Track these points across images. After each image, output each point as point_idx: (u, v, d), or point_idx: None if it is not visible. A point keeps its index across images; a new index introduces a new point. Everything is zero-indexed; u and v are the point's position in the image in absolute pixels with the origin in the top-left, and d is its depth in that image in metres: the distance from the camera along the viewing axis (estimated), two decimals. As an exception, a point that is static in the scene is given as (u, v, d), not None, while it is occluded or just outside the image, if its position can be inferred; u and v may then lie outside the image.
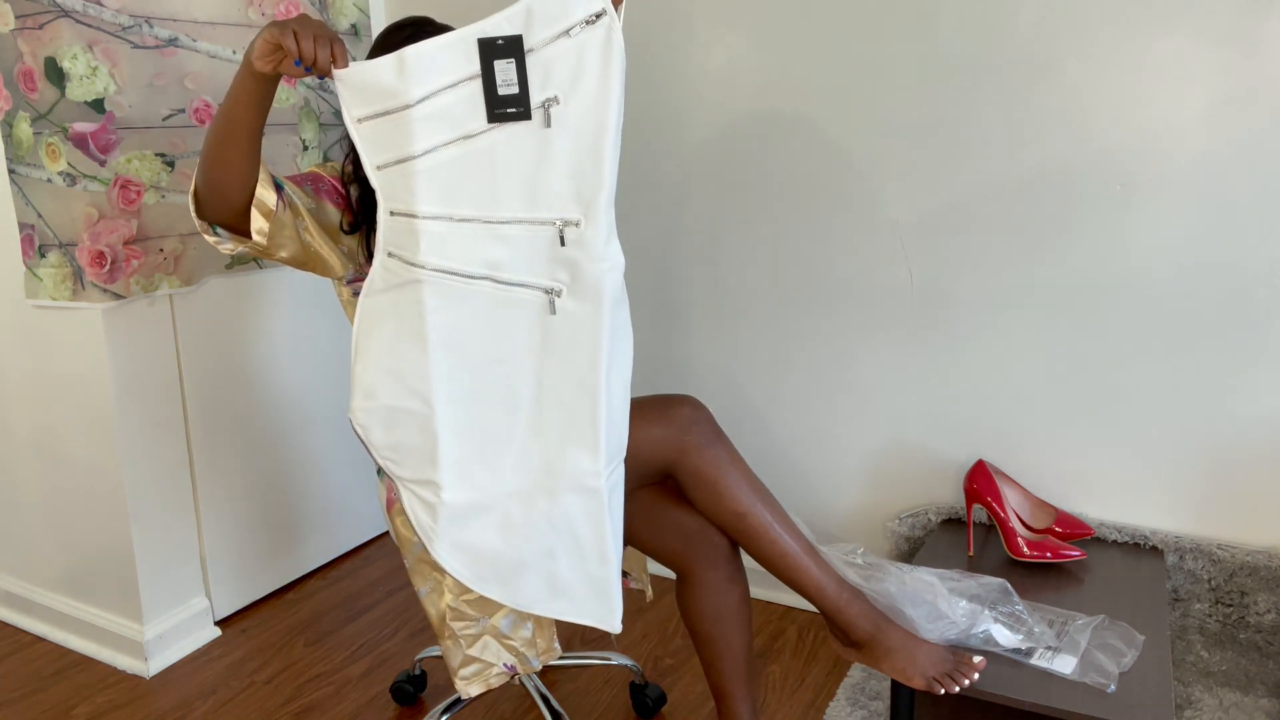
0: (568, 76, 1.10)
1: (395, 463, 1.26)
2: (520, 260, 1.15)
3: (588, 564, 1.26)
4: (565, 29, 1.09)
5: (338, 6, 2.19)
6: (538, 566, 1.27)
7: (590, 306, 1.16)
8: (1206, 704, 1.49)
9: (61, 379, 1.87)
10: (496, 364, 1.20)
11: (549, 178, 1.13)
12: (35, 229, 1.77)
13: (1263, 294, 1.58)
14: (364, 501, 2.41)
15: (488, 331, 1.18)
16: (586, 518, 1.25)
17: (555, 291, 1.16)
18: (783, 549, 1.35)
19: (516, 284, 1.16)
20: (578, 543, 1.26)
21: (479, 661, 1.40)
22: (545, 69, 1.10)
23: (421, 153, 1.10)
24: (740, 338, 2.03)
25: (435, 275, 1.14)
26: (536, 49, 1.09)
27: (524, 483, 1.25)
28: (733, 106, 1.94)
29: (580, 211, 1.14)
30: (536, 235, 1.14)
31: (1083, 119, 1.65)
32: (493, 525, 1.26)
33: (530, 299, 1.17)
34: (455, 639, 1.40)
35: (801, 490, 2.04)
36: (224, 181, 1.16)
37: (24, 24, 1.66)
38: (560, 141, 1.12)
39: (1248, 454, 1.64)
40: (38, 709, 1.79)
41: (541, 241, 1.15)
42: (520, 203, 1.13)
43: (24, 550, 2.08)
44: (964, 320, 1.81)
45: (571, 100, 1.11)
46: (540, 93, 1.09)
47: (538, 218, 1.14)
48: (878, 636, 1.34)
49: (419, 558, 1.39)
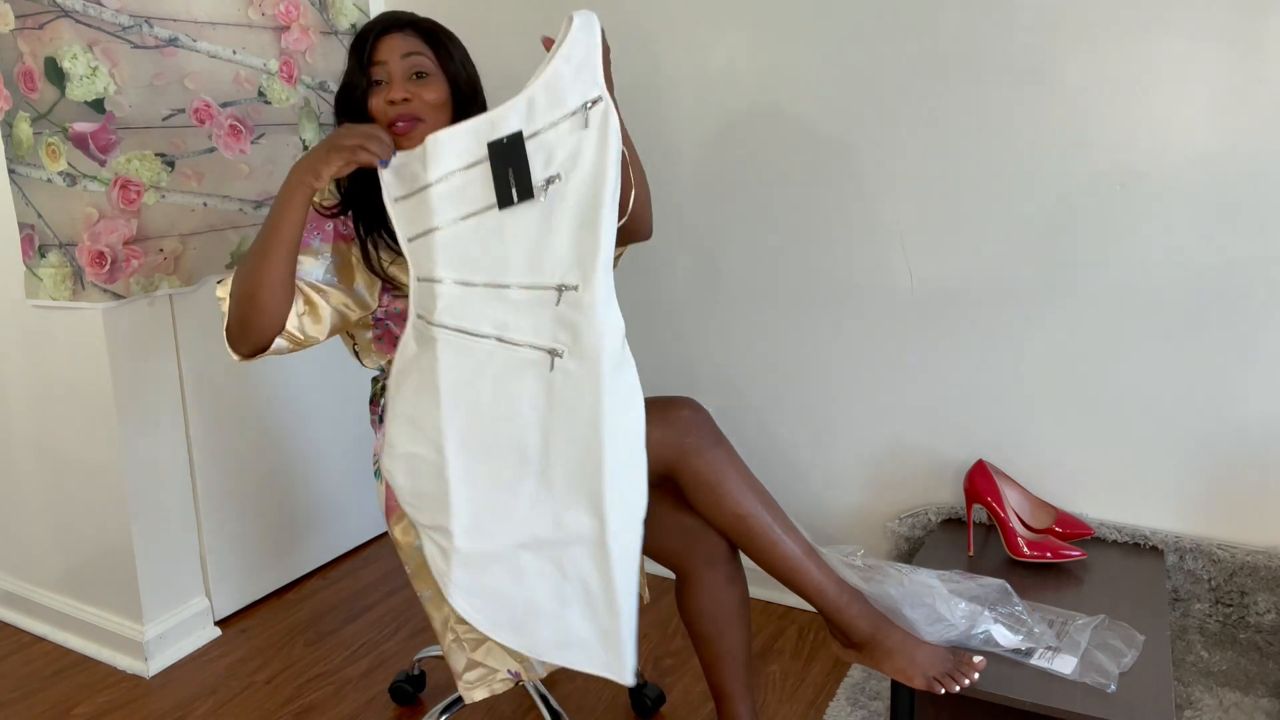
0: (568, 156, 1.20)
1: (415, 508, 1.30)
2: (525, 322, 1.23)
3: (599, 616, 1.26)
4: (566, 113, 1.20)
5: (338, 6, 2.20)
6: (550, 614, 1.28)
7: (590, 368, 1.22)
8: (1206, 704, 1.49)
9: (61, 379, 1.87)
10: (505, 420, 1.24)
11: (551, 245, 1.22)
12: (35, 229, 1.77)
13: (1263, 294, 1.58)
14: (364, 501, 2.41)
15: (498, 388, 1.24)
16: (596, 570, 1.25)
17: (557, 352, 1.23)
18: (783, 551, 1.35)
19: (523, 344, 1.23)
20: (588, 594, 1.26)
21: (483, 666, 1.40)
22: (548, 151, 1.20)
23: (441, 226, 1.22)
24: (740, 338, 2.03)
25: (450, 334, 1.23)
26: (540, 132, 1.20)
27: (534, 533, 1.26)
28: (733, 107, 1.94)
29: (579, 277, 1.21)
30: (539, 299, 1.23)
31: (1083, 119, 1.64)
32: (504, 573, 1.28)
33: (535, 359, 1.24)
34: (460, 642, 1.40)
35: (801, 490, 2.04)
36: (268, 300, 1.27)
37: (24, 24, 1.67)
38: (561, 213, 1.21)
39: (1248, 454, 1.64)
40: (38, 709, 1.79)
41: (544, 305, 1.23)
42: (525, 269, 1.23)
43: (24, 550, 2.08)
44: (964, 320, 1.81)
45: (571, 177, 1.21)
46: (543, 172, 1.20)
47: (540, 282, 1.23)
48: (877, 638, 1.34)
49: (420, 563, 1.39)
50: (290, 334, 1.31)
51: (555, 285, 1.23)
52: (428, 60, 1.38)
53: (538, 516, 1.25)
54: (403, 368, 1.28)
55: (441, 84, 1.39)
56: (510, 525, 1.26)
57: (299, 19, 2.10)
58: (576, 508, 1.24)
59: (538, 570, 1.26)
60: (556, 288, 1.23)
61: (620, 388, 1.23)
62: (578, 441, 1.23)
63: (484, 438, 1.25)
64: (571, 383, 1.22)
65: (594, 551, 1.24)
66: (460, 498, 1.25)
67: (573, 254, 1.22)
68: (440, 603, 1.40)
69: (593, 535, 1.23)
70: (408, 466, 1.28)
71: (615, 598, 1.25)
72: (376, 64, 1.36)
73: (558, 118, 1.20)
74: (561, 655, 1.29)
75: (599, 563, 1.24)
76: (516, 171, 1.19)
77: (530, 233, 1.22)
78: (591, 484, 1.22)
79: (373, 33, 1.38)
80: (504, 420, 1.24)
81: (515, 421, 1.24)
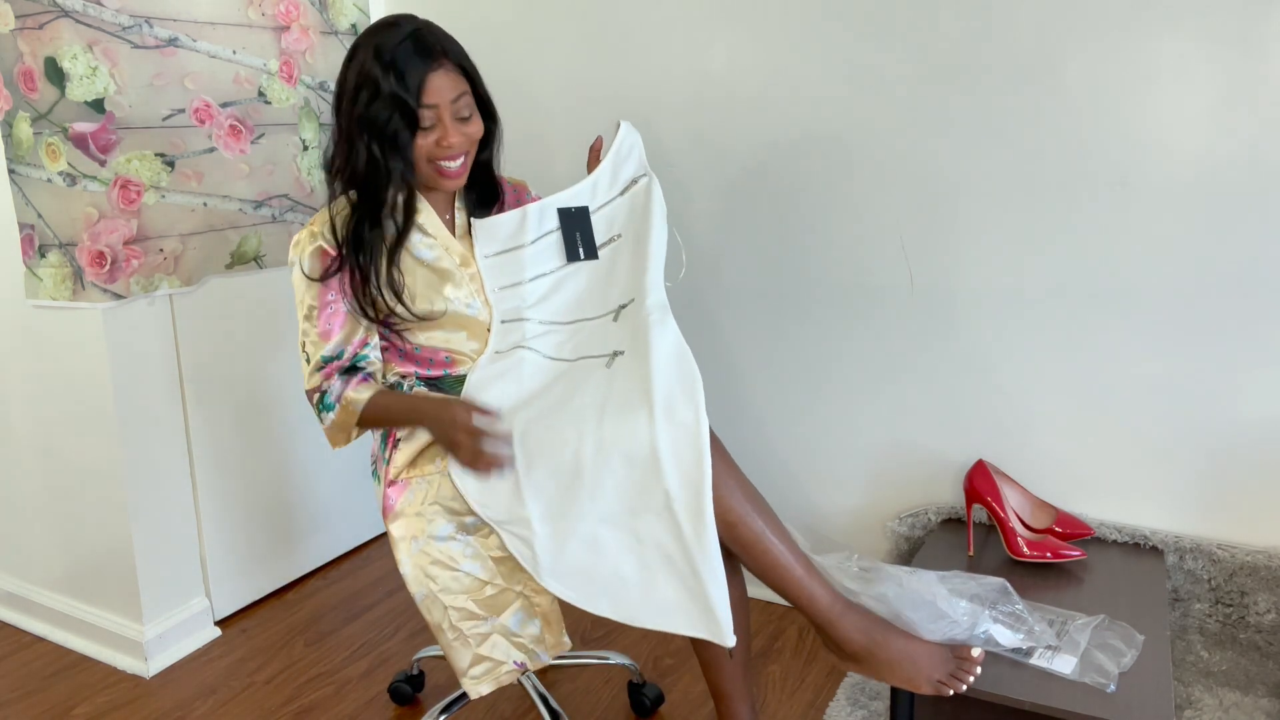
0: (625, 219, 1.51)
1: (487, 506, 1.37)
2: (594, 342, 1.45)
3: (684, 579, 1.28)
4: (620, 190, 1.52)
5: (338, 6, 2.20)
6: (639, 583, 1.30)
7: (642, 345, 1.36)
8: (1206, 704, 1.49)
9: (61, 379, 1.87)
10: (564, 406, 1.36)
11: (613, 281, 1.48)
12: (35, 229, 1.78)
13: (1263, 294, 1.58)
14: (364, 501, 2.41)
15: (565, 387, 1.40)
16: (671, 535, 1.27)
17: (619, 351, 1.40)
18: (774, 559, 1.34)
19: (590, 356, 1.43)
20: (669, 559, 1.28)
21: (489, 660, 1.40)
22: (608, 221, 1.52)
23: (529, 279, 1.49)
24: (740, 338, 2.03)
25: (528, 353, 1.46)
26: (603, 206, 1.51)
27: (603, 509, 1.29)
28: (732, 108, 1.94)
29: (633, 292, 1.44)
30: (603, 322, 1.46)
31: (1083, 119, 1.65)
32: (585, 549, 1.31)
33: (599, 362, 1.41)
34: (464, 639, 1.40)
35: (801, 490, 2.04)
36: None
37: (24, 24, 1.67)
38: (621, 259, 1.49)
39: (1248, 454, 1.64)
40: (38, 709, 1.79)
41: (607, 325, 1.45)
42: (594, 306, 1.49)
43: (24, 550, 2.08)
44: (964, 320, 1.81)
45: (628, 231, 1.50)
46: (605, 235, 1.51)
47: (604, 311, 1.47)
48: (875, 650, 1.33)
49: (415, 563, 1.40)
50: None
51: (615, 308, 1.46)
52: (470, 99, 1.41)
53: (601, 494, 1.29)
54: (481, 377, 1.45)
55: (479, 118, 1.44)
56: (579, 504, 1.30)
57: (299, 19, 2.10)
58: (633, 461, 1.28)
59: (617, 542, 1.30)
60: (615, 309, 1.46)
61: (666, 344, 1.35)
62: (628, 396, 1.31)
63: (550, 425, 1.34)
64: (626, 362, 1.37)
65: (664, 518, 1.27)
66: (530, 488, 1.32)
67: (628, 280, 1.46)
68: (431, 604, 1.41)
69: (660, 503, 1.26)
70: None
71: (693, 561, 1.26)
72: (427, 106, 1.36)
73: (614, 195, 1.52)
74: (663, 620, 1.30)
75: (670, 527, 1.27)
76: (583, 235, 1.49)
77: (598, 278, 1.50)
78: (644, 450, 1.27)
79: (416, 64, 1.35)
80: (564, 405, 1.36)
81: (574, 404, 1.35)
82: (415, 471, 1.43)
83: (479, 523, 1.39)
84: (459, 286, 1.46)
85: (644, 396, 1.28)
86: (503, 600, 1.40)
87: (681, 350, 1.35)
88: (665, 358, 1.33)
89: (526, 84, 2.16)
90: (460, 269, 1.47)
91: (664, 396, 1.28)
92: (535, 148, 2.17)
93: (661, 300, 1.41)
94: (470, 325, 1.47)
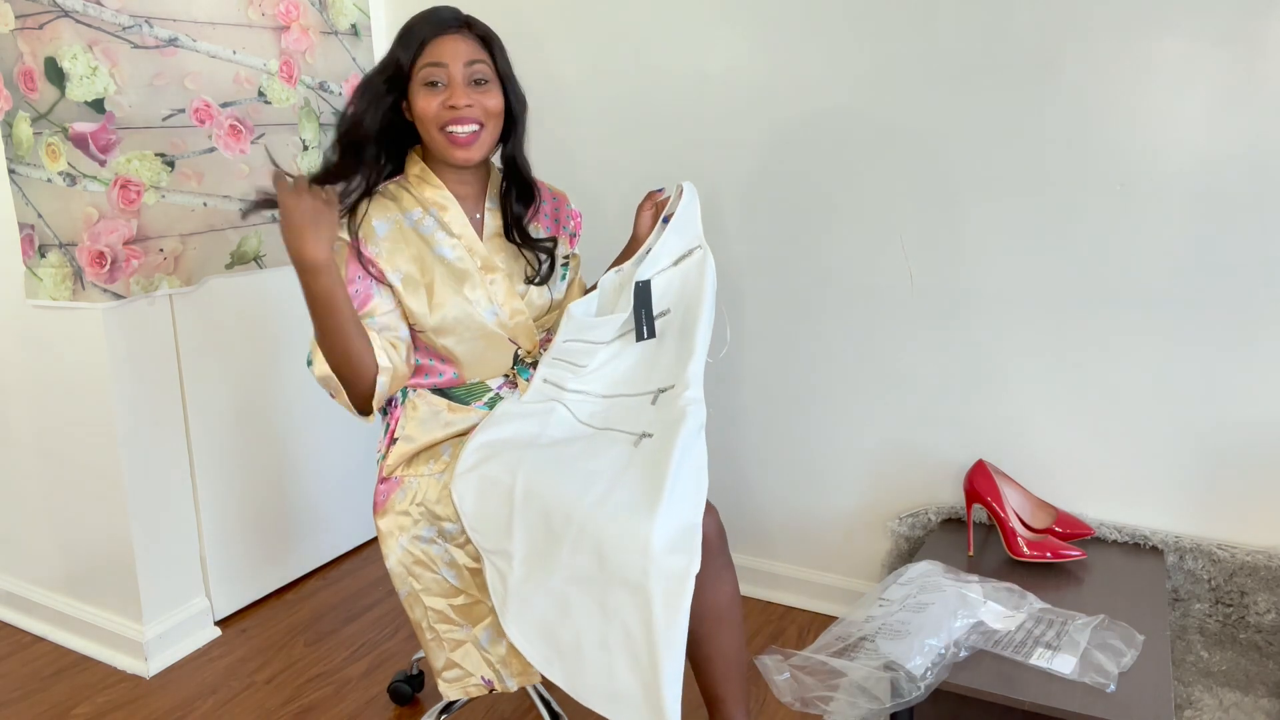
0: (676, 295, 1.48)
1: (479, 532, 1.35)
2: (629, 418, 1.44)
3: (641, 672, 1.22)
4: (674, 261, 1.49)
5: (338, 7, 2.20)
6: (596, 661, 1.25)
7: (667, 437, 1.33)
8: (1206, 704, 1.49)
9: (61, 379, 1.87)
10: (577, 462, 1.36)
11: (658, 362, 1.46)
12: (35, 229, 1.77)
13: (1263, 294, 1.58)
14: (364, 501, 2.41)
15: (586, 448, 1.39)
16: (637, 619, 1.21)
17: (647, 434, 1.38)
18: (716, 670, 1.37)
19: (618, 430, 1.42)
20: (629, 640, 1.22)
21: (460, 668, 1.41)
22: (660, 293, 1.48)
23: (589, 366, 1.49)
24: (740, 338, 2.03)
25: (561, 409, 1.47)
26: (657, 275, 1.48)
27: (581, 565, 1.25)
28: (733, 108, 1.94)
29: (675, 378, 1.41)
30: (642, 400, 1.44)
31: (1083, 119, 1.64)
32: (552, 606, 1.28)
33: (628, 437, 1.40)
34: (440, 641, 1.41)
35: (801, 491, 2.04)
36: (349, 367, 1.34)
37: (24, 24, 1.67)
38: (668, 340, 1.47)
39: (1247, 454, 1.64)
40: (38, 709, 1.79)
41: (644, 404, 1.44)
42: (635, 384, 1.47)
43: (24, 550, 2.08)
44: (964, 320, 1.81)
45: (678, 310, 1.47)
46: (657, 309, 1.48)
47: (643, 391, 1.45)
48: None
49: (399, 560, 1.40)
50: (384, 369, 1.37)
51: (654, 390, 1.43)
52: (488, 68, 1.38)
53: (582, 551, 1.25)
54: (508, 410, 1.45)
55: (499, 91, 1.40)
56: (559, 555, 1.26)
57: (299, 19, 2.10)
58: (624, 549, 1.22)
59: (584, 608, 1.25)
60: (655, 392, 1.43)
61: (692, 458, 1.31)
62: (640, 487, 1.27)
63: (558, 471, 1.32)
64: (650, 447, 1.34)
65: (632, 594, 1.21)
66: (521, 523, 1.30)
67: (672, 364, 1.43)
68: (414, 602, 1.41)
69: (636, 578, 1.20)
70: (479, 486, 1.33)
71: (655, 648, 1.20)
72: (435, 65, 1.34)
73: (667, 265, 1.48)
74: (611, 708, 1.25)
75: (640, 610, 1.21)
76: (647, 314, 1.47)
77: (645, 356, 1.48)
78: (643, 527, 1.21)
79: (429, 26, 1.35)
80: (579, 461, 1.35)
81: (588, 466, 1.32)
82: (409, 471, 1.43)
83: (458, 530, 1.39)
84: (476, 289, 1.43)
85: (649, 511, 1.23)
86: (477, 612, 1.40)
87: (700, 468, 1.32)
88: (686, 472, 1.29)
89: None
90: (481, 273, 1.44)
91: (666, 529, 1.22)
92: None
93: (698, 396, 1.38)
94: (489, 337, 1.45)
